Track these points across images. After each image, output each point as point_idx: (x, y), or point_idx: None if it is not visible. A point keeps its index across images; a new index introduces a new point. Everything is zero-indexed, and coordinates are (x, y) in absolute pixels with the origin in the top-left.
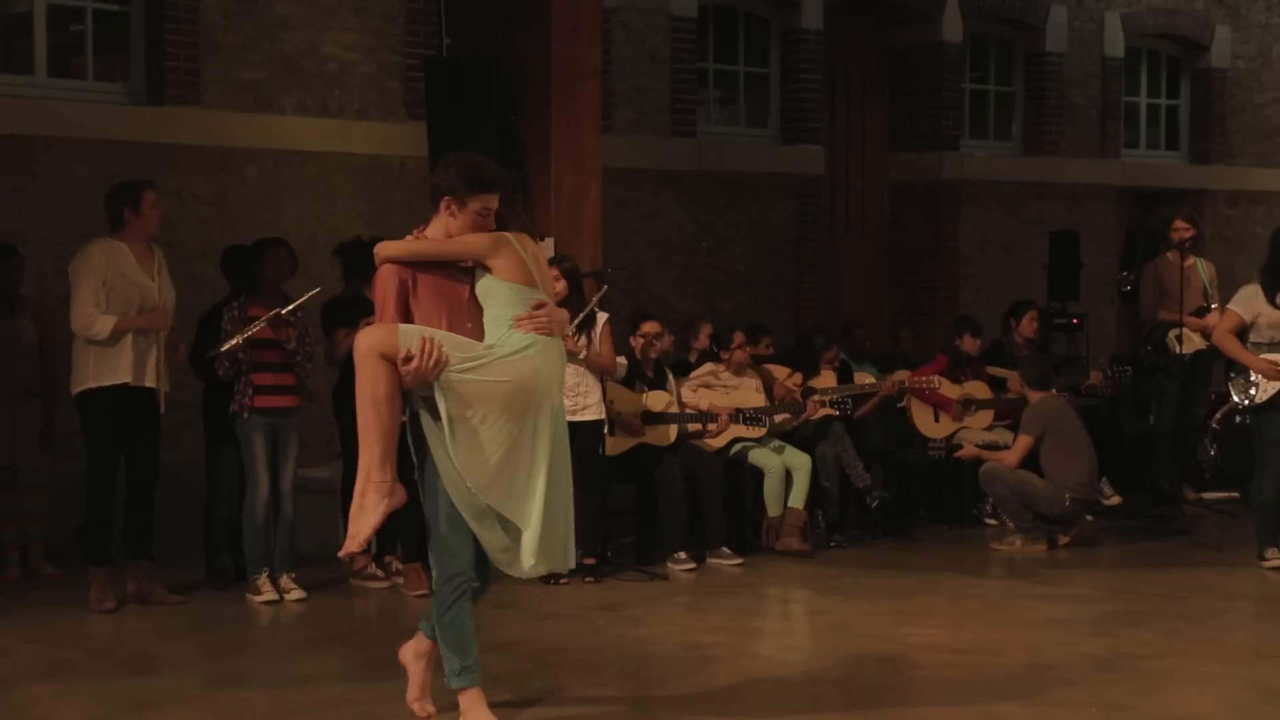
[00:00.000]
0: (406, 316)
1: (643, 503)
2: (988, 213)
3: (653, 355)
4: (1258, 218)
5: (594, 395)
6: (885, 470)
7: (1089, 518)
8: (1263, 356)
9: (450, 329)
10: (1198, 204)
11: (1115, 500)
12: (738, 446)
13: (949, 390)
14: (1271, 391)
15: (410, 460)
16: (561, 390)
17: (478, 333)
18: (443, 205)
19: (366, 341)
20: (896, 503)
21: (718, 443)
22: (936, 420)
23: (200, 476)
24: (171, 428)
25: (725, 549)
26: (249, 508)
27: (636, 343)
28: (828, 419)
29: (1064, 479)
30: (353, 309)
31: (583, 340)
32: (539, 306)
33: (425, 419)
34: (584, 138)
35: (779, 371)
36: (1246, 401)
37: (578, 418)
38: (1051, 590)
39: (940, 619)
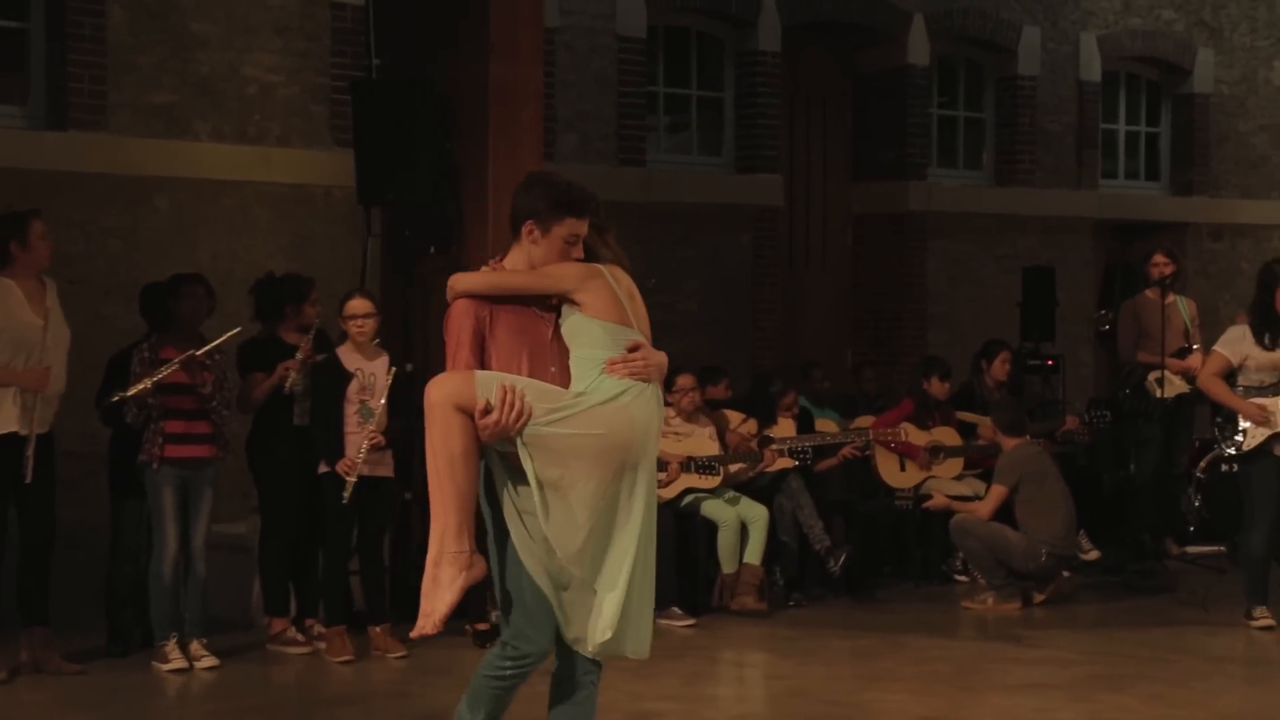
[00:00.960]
0: (482, 360)
1: None
2: (957, 246)
3: None
4: (1243, 252)
5: None
6: (848, 523)
7: (1066, 574)
8: (1251, 401)
9: (531, 374)
10: (1179, 238)
11: (1094, 555)
12: (689, 498)
13: (916, 437)
14: (1260, 438)
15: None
16: (658, 444)
17: (562, 377)
18: (524, 231)
19: (439, 391)
20: (860, 558)
21: (667, 493)
22: (903, 469)
23: (102, 533)
24: (72, 480)
25: (675, 609)
26: (156, 567)
27: None
28: (785, 470)
29: (1040, 532)
30: (269, 351)
31: None
32: (634, 348)
33: (502, 481)
34: (524, 166)
35: (733, 418)
36: (1233, 449)
37: None
38: (1026, 652)
39: (907, 684)
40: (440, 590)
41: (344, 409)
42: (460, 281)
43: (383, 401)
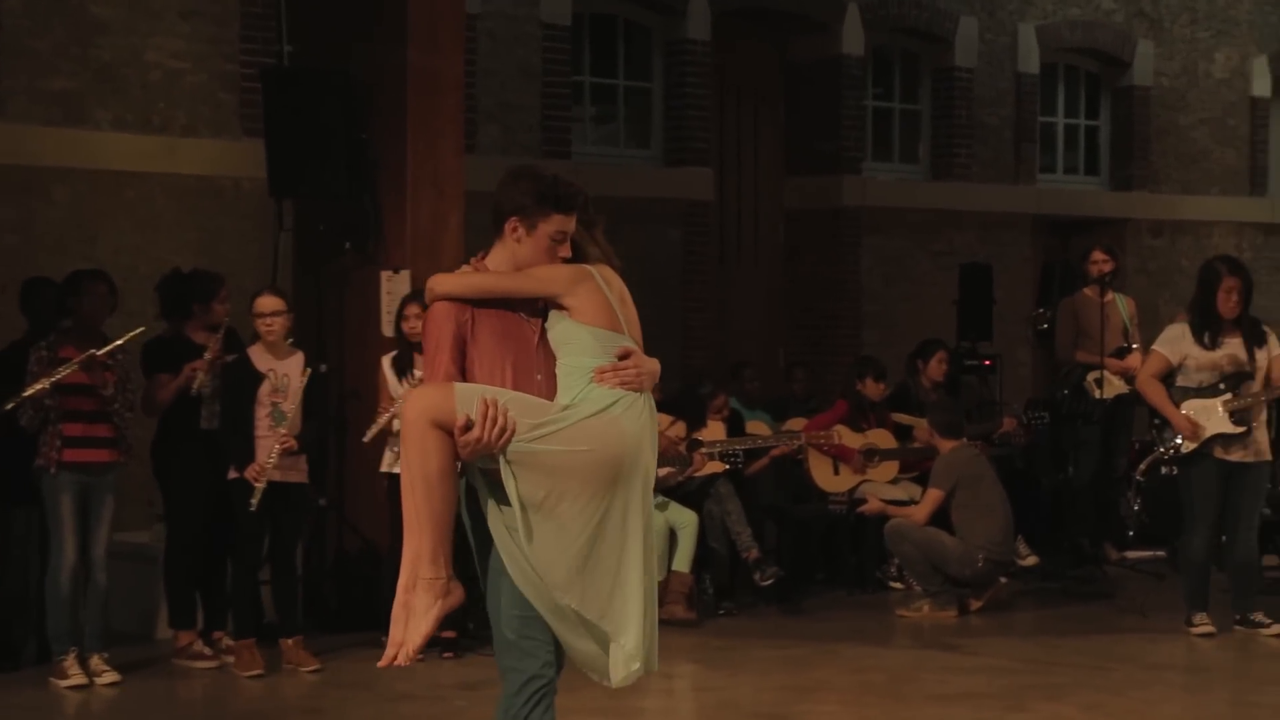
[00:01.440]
0: (463, 367)
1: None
2: (892, 243)
3: None
4: (1183, 249)
5: None
6: (780, 529)
7: (1003, 580)
8: (1190, 403)
9: (516, 383)
10: (1119, 234)
11: (1032, 560)
12: None
13: (850, 440)
14: (1199, 441)
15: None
16: (654, 457)
17: (549, 386)
18: (508, 227)
19: (416, 406)
20: (793, 565)
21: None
22: (836, 473)
23: None
24: None
25: None
26: (53, 577)
27: None
28: (715, 474)
29: (976, 537)
30: (175, 351)
31: None
32: (625, 356)
33: (485, 497)
34: (444, 159)
35: (661, 420)
36: (1172, 451)
37: None
38: (962, 661)
39: (840, 694)
40: (414, 619)
41: (254, 412)
42: (441, 283)
43: (296, 404)
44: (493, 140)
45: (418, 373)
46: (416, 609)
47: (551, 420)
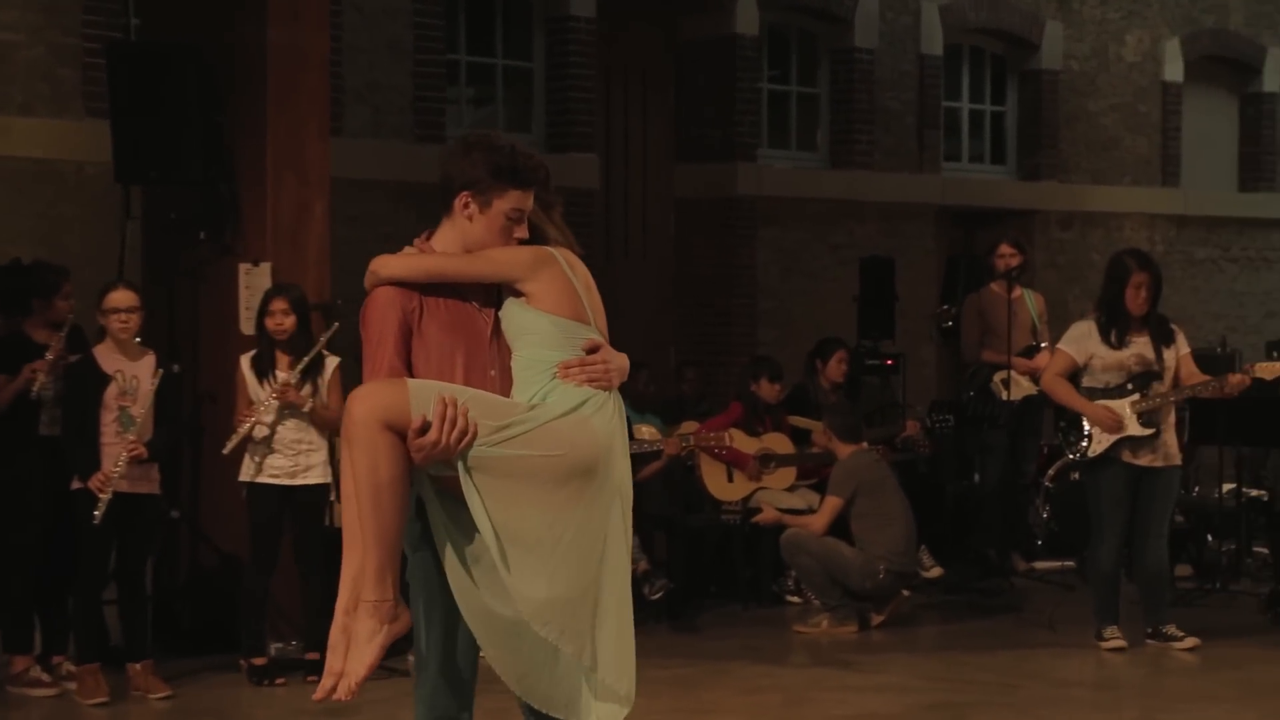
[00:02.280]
0: (408, 361)
1: None
2: (789, 235)
3: None
4: (1094, 243)
5: (319, 455)
6: (670, 540)
7: (906, 593)
8: (1100, 403)
9: (467, 377)
10: (1026, 226)
11: (936, 572)
12: None
13: (744, 444)
14: (1107, 444)
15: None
16: (628, 464)
17: (504, 383)
18: (458, 203)
19: (365, 406)
20: (683, 578)
21: None
22: (730, 480)
23: None
24: None
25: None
26: None
27: None
28: None
29: (878, 547)
30: (13, 351)
31: (306, 388)
32: (593, 349)
33: (434, 509)
34: (308, 143)
35: None
36: (1079, 456)
37: (297, 481)
38: (863, 679)
39: (733, 716)
40: (360, 648)
41: (100, 416)
42: (384, 266)
43: (146, 408)
44: (361, 123)
45: (280, 374)
46: (359, 635)
47: (517, 421)
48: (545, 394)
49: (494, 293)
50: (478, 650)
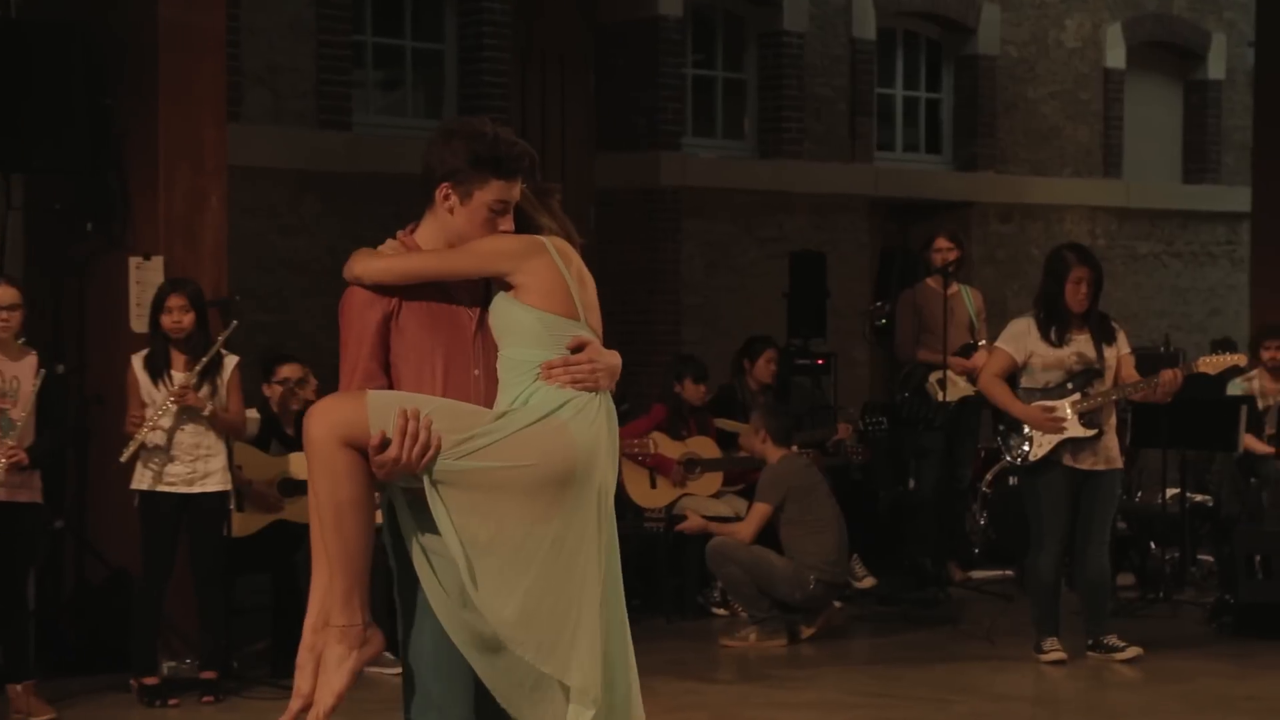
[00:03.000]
0: (386, 362)
1: (280, 597)
2: (715, 228)
3: (294, 407)
4: (1033, 236)
5: (217, 460)
6: None
7: (838, 604)
8: (1037, 404)
9: (447, 381)
10: (964, 219)
11: (869, 582)
12: None
13: (668, 449)
14: (1048, 446)
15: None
16: (614, 470)
17: (488, 383)
18: (439, 195)
19: (323, 423)
20: None
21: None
22: (653, 486)
23: None
24: None
25: (387, 654)
26: None
27: (272, 391)
28: None
29: (808, 556)
30: None
31: (205, 390)
32: (579, 348)
33: (405, 518)
34: (203, 129)
35: None
36: (1018, 460)
37: (195, 489)
38: (793, 695)
39: None
40: (329, 674)
41: None
42: (367, 268)
43: (27, 411)
44: (261, 107)
45: (177, 375)
46: (327, 662)
47: (485, 432)
48: (527, 396)
49: (480, 288)
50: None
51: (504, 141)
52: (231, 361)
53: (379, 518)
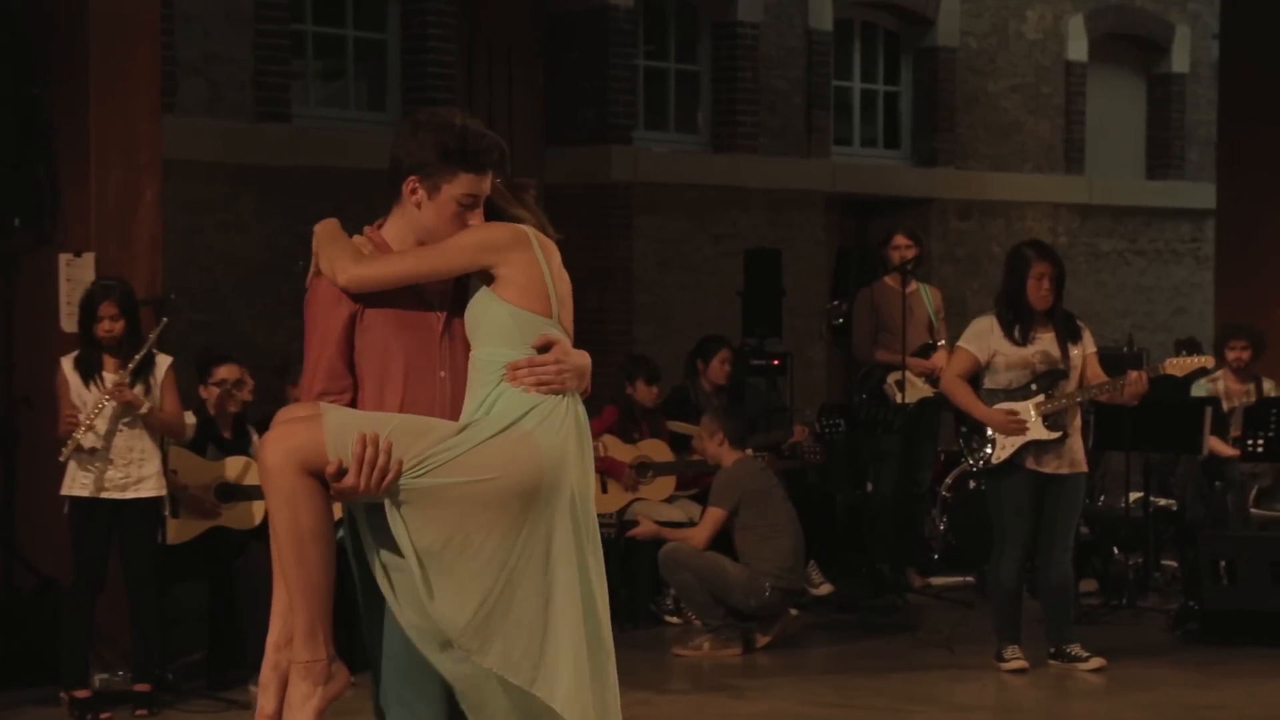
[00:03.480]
0: (350, 361)
1: (218, 606)
2: (667, 224)
3: (231, 409)
4: (994, 234)
5: (151, 465)
6: None
7: (794, 611)
8: (999, 407)
9: (410, 383)
10: (923, 216)
11: (825, 589)
12: (340, 533)
13: (619, 452)
14: (1010, 449)
15: None
16: (589, 475)
17: (454, 385)
18: (406, 188)
19: (278, 451)
20: None
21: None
22: (604, 490)
23: None
24: None
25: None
26: None
27: (209, 393)
28: None
29: (763, 563)
30: None
31: (139, 390)
32: (546, 347)
33: (363, 530)
34: (137, 121)
35: None
36: (980, 463)
37: (129, 494)
38: (748, 706)
39: None
40: (290, 713)
41: None
42: (352, 277)
43: None
44: (197, 99)
45: (108, 376)
46: (291, 700)
47: (445, 449)
48: (493, 401)
49: (450, 289)
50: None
51: (473, 134)
52: (165, 361)
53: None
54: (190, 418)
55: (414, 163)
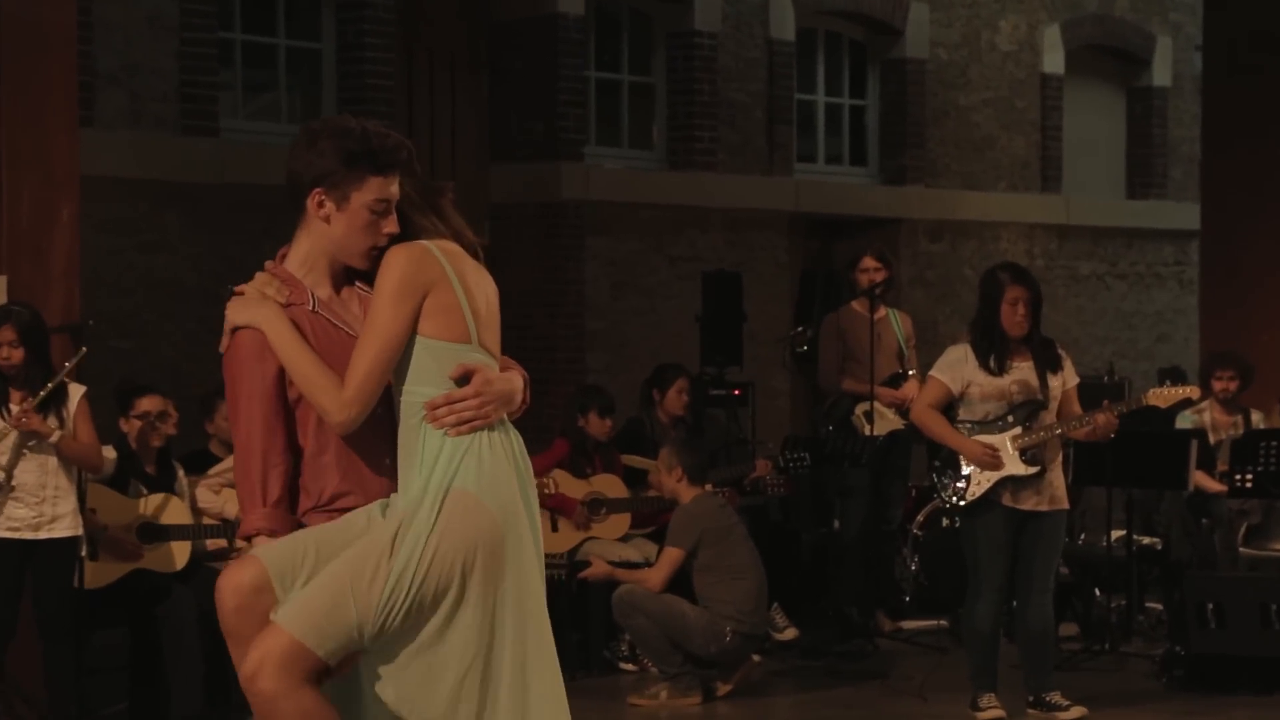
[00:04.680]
0: (281, 408)
1: (140, 654)
2: (621, 246)
3: (155, 444)
4: (967, 256)
5: (67, 503)
6: None
7: (756, 658)
8: (976, 439)
9: (349, 442)
10: (891, 237)
11: (790, 633)
12: None
13: (570, 488)
14: (987, 484)
15: None
16: (533, 515)
17: (389, 424)
18: (311, 205)
19: (270, 676)
20: None
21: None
22: (554, 529)
23: None
24: None
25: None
26: None
27: (131, 426)
28: None
29: (724, 606)
30: None
31: (52, 422)
32: (463, 377)
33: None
34: (52, 134)
35: None
36: (955, 499)
37: (41, 534)
38: None
39: None
40: None
41: None
42: (330, 407)
43: None
44: (116, 111)
45: (14, 408)
46: None
47: (397, 576)
48: (425, 460)
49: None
50: None
51: (375, 134)
52: (77, 391)
53: None
54: (110, 452)
55: (316, 174)
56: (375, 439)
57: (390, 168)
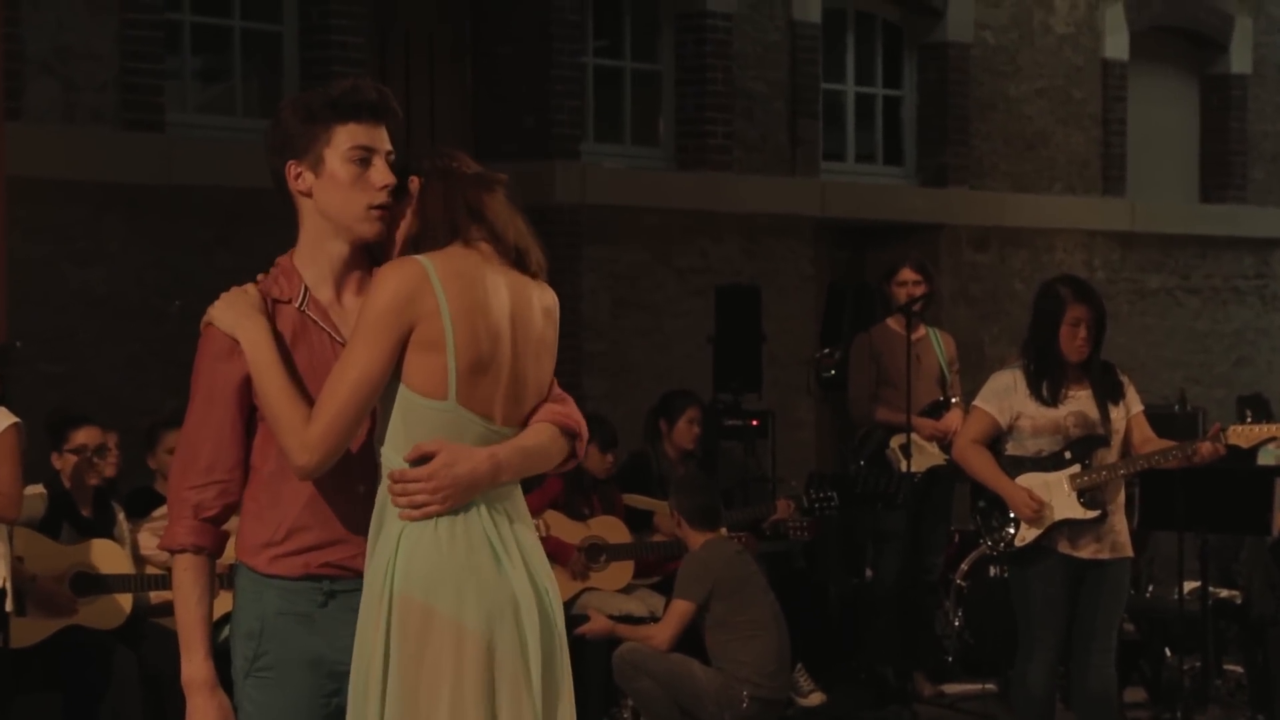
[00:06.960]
0: (248, 419)
1: (76, 718)
2: (623, 256)
3: (91, 482)
4: (1017, 268)
5: None
6: None
7: None
8: (1023, 481)
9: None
10: (931, 246)
11: (816, 698)
12: None
13: (566, 532)
14: (1039, 530)
15: None
16: (525, 595)
17: (362, 450)
18: (292, 184)
19: None
20: None
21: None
22: None
23: None
24: None
25: None
26: None
27: (64, 462)
28: None
29: (740, 667)
30: None
31: None
32: (420, 459)
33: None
34: None
35: None
36: (1002, 546)
37: None
38: None
39: None
40: None
41: None
42: (293, 446)
43: None
44: (49, 102)
45: None
46: None
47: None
48: (393, 543)
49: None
50: None
51: (339, 86)
52: (3, 420)
53: None
54: (40, 491)
55: (282, 145)
56: (346, 462)
57: (356, 110)
